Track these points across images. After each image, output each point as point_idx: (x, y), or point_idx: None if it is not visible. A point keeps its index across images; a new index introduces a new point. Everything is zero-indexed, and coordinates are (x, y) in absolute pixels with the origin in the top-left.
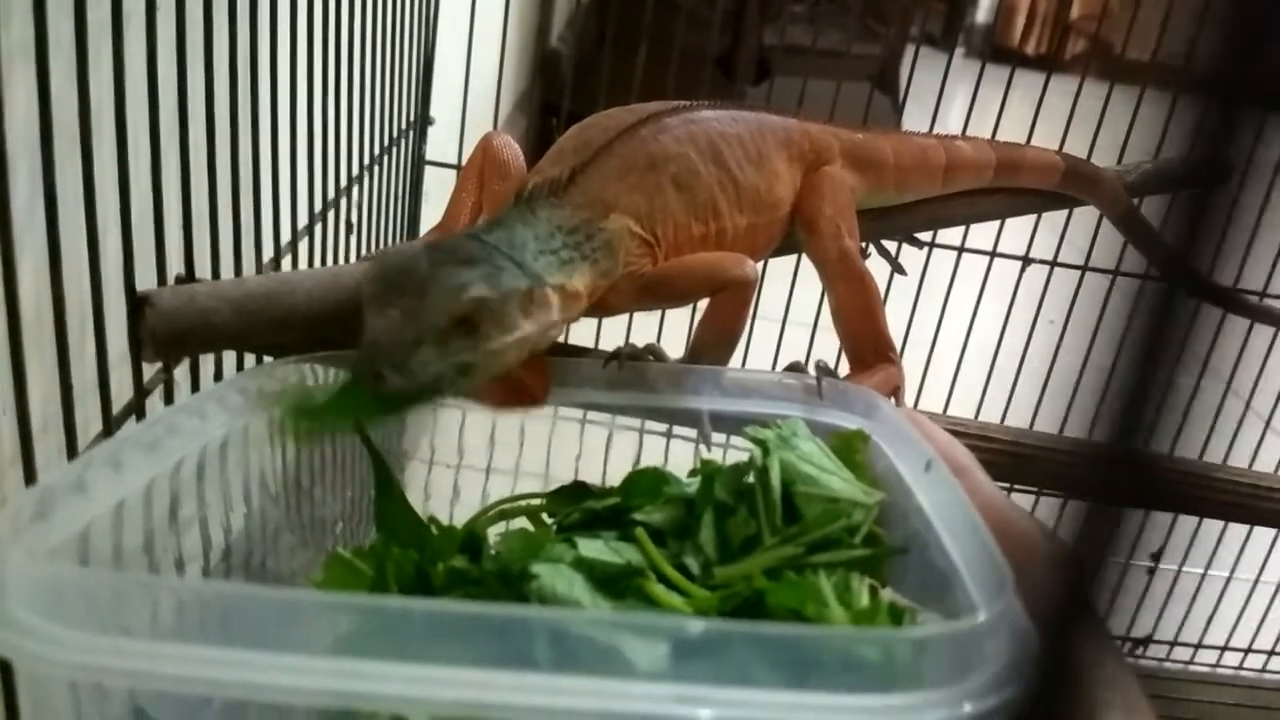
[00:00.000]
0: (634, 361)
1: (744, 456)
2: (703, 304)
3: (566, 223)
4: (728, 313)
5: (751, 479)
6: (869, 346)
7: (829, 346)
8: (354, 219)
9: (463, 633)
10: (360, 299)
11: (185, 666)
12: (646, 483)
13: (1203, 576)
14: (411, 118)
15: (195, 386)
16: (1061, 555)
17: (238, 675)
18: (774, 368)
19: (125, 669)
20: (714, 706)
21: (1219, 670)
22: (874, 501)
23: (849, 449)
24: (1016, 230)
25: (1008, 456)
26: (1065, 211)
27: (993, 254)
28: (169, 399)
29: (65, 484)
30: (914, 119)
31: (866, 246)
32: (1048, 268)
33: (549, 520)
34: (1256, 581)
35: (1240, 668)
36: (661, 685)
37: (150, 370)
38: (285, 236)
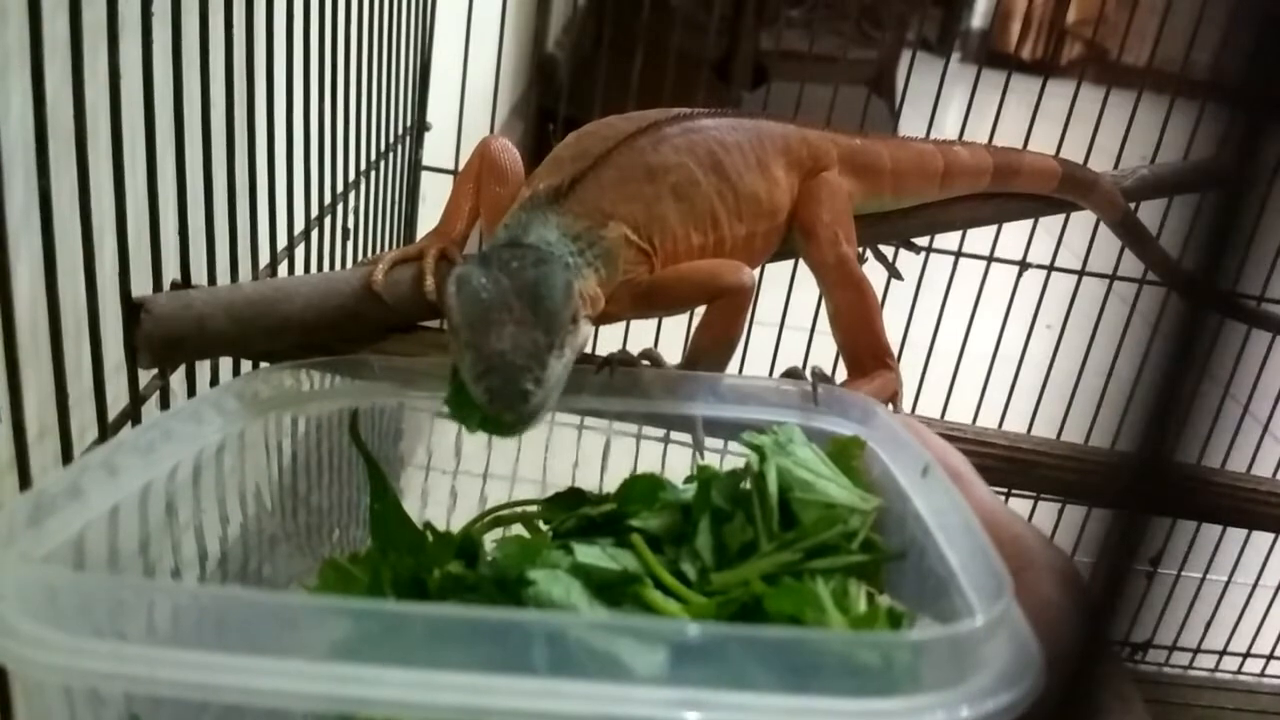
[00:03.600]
0: (626, 367)
1: (740, 463)
2: (700, 310)
3: (570, 229)
4: (725, 319)
5: (748, 485)
6: (867, 352)
7: (826, 352)
8: (351, 224)
9: (460, 637)
10: (356, 305)
11: (181, 671)
12: (643, 489)
13: (1201, 581)
14: (408, 123)
15: (191, 393)
16: (1061, 565)
17: (234, 680)
18: (771, 373)
19: (121, 674)
20: (712, 710)
21: (1218, 674)
22: (871, 507)
23: (845, 455)
24: (1013, 235)
25: (1005, 461)
26: (1062, 216)
27: (990, 259)
28: (165, 405)
29: (60, 489)
30: (911, 124)
31: (864, 252)
32: (1045, 272)
33: (545, 527)
34: (1255, 586)
35: (1239, 672)
36: (660, 689)
37: (146, 377)
38: (281, 242)
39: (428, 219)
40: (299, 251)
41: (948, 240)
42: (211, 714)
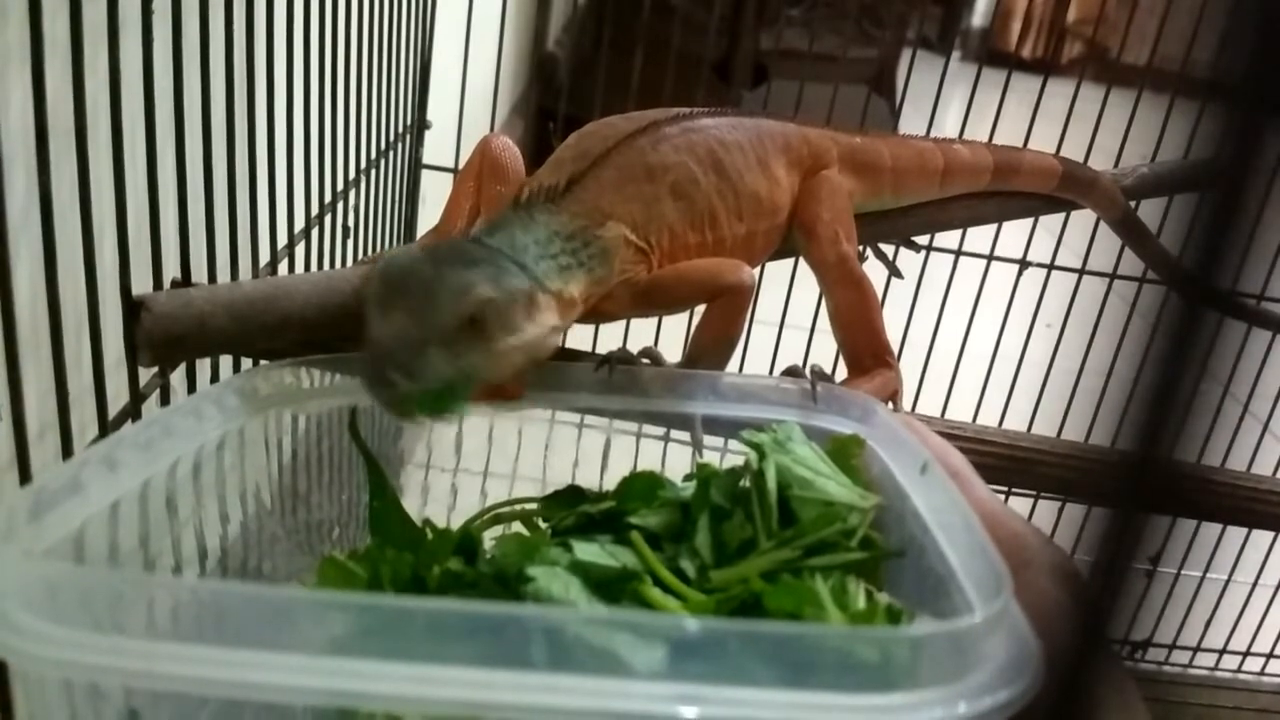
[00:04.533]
0: (626, 366)
1: (740, 461)
2: (700, 309)
3: (564, 229)
4: (724, 318)
5: (747, 483)
6: (867, 351)
7: (826, 350)
8: (351, 223)
9: (459, 632)
10: (356, 303)
11: (181, 666)
12: (642, 486)
13: (1201, 579)
14: (409, 121)
15: (191, 391)
16: (1059, 562)
17: (234, 675)
18: (771, 371)
19: (121, 668)
20: (711, 706)
21: (1218, 673)
22: (870, 505)
23: (844, 453)
24: (1013, 233)
25: (1005, 460)
26: (1062, 215)
27: (990, 257)
28: (165, 403)
29: (61, 483)
30: (911, 122)
31: (864, 250)
32: (1045, 271)
33: (544, 524)
34: (1255, 584)
35: (1239, 670)
36: (659, 685)
37: (146, 375)
38: (282, 240)
39: (428, 217)
40: (299, 250)
41: (948, 239)
42: (211, 709)
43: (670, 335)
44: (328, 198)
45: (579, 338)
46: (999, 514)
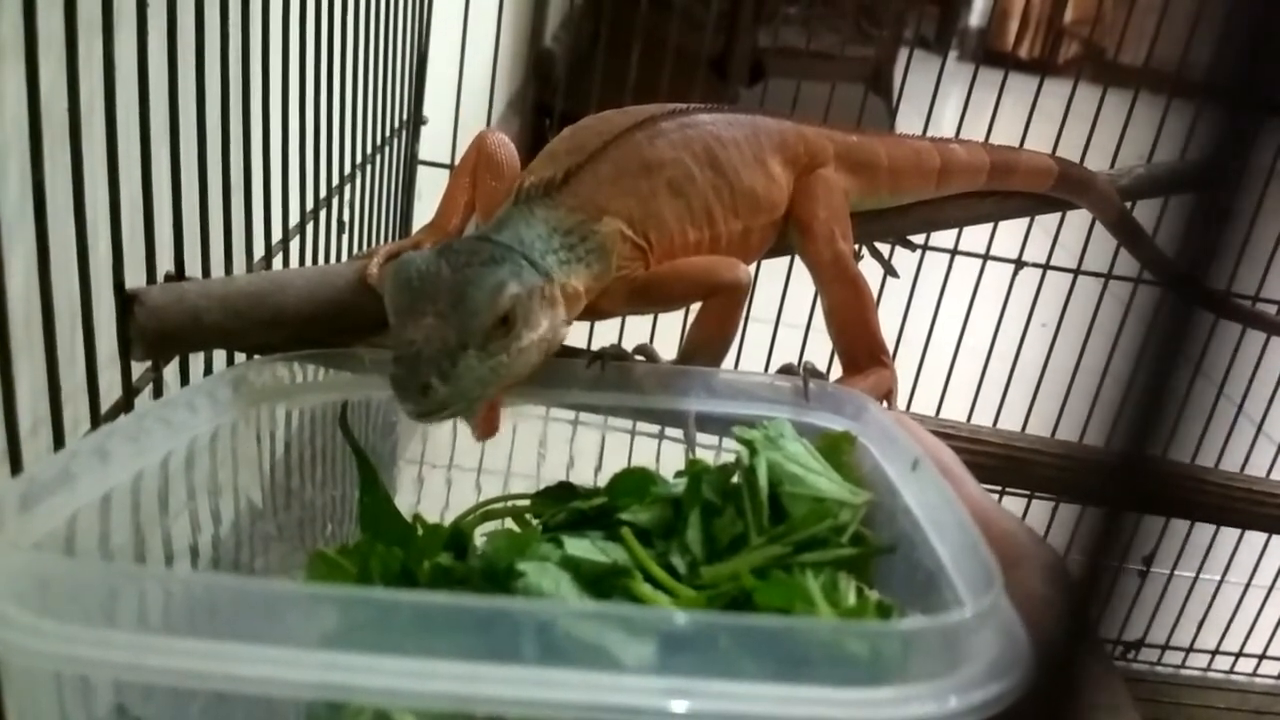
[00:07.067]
0: (618, 362)
1: (732, 457)
2: (695, 307)
3: (561, 224)
4: (720, 316)
5: (738, 479)
6: (862, 350)
7: (822, 348)
8: (346, 218)
9: (449, 626)
10: (351, 298)
11: (172, 659)
12: (633, 483)
13: (1195, 580)
14: (404, 117)
15: (184, 386)
16: (1051, 561)
17: (224, 668)
18: (766, 369)
19: (111, 662)
20: (701, 699)
21: (1210, 674)
22: (861, 501)
23: (835, 450)
24: (1009, 233)
25: (1000, 459)
26: (1058, 215)
27: (985, 257)
28: (158, 398)
29: (51, 475)
30: (908, 121)
31: (859, 249)
32: (1040, 271)
33: (535, 520)
34: (1248, 586)
35: (1232, 672)
36: (649, 678)
37: (139, 369)
38: (276, 235)
39: (423, 213)
40: (294, 245)
41: (944, 238)
42: (201, 703)
43: (666, 333)
44: (323, 192)
45: (574, 336)
46: (990, 512)
